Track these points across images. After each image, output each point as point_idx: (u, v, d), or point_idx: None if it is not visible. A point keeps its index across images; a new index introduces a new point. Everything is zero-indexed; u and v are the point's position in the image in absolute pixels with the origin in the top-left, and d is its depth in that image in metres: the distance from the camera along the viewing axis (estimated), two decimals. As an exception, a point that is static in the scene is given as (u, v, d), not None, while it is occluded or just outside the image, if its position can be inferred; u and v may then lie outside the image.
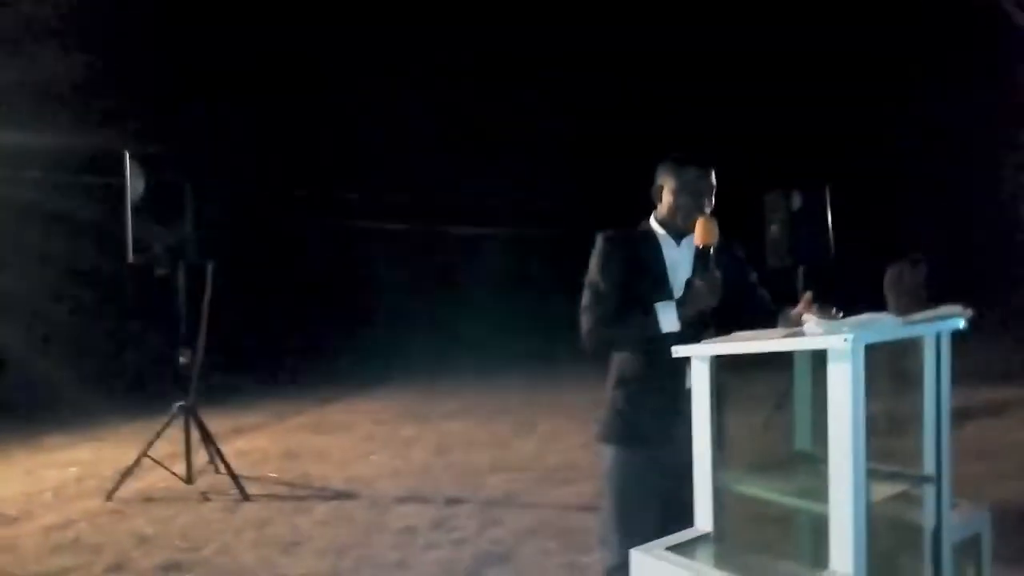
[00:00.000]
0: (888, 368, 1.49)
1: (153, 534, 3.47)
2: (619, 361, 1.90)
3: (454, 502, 3.85)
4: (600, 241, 1.88)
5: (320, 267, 10.48)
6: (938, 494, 1.46)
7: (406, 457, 4.95)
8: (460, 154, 11.23)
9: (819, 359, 1.28)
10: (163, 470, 4.08)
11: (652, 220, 1.93)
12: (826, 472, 1.25)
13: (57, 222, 7.90)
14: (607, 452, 1.89)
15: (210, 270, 4.12)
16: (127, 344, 8.16)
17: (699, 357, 1.49)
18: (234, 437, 5.55)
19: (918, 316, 1.44)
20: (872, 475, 1.28)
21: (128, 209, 3.91)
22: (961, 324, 1.46)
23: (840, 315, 1.52)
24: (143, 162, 3.94)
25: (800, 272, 4.74)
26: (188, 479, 4.08)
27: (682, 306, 1.75)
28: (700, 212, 1.82)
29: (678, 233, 1.88)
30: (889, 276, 5.23)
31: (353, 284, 10.52)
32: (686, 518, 1.51)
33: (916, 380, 1.48)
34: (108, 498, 3.97)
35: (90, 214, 7.35)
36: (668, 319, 1.74)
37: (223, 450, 4.21)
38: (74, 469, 4.76)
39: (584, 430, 4.41)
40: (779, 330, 1.59)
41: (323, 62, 10.48)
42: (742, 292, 1.92)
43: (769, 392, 3.68)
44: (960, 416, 4.11)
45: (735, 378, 1.54)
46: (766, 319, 1.80)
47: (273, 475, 4.52)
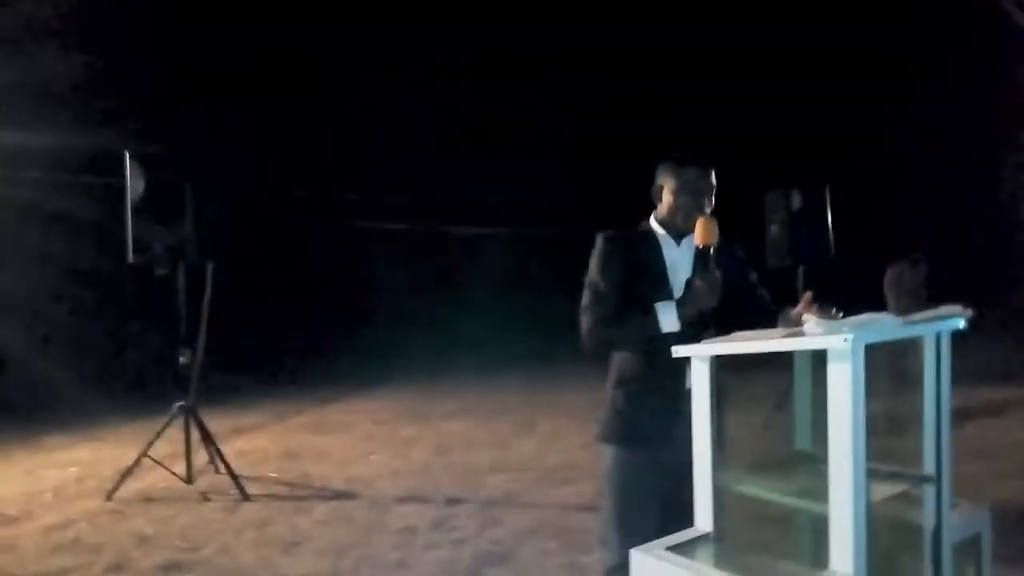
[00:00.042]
0: (888, 368, 1.49)
1: (153, 534, 3.47)
2: (619, 361, 1.90)
3: (454, 502, 3.85)
4: (600, 241, 1.88)
5: (320, 267, 10.48)
6: (938, 494, 1.46)
7: (406, 457, 4.95)
8: (460, 154, 11.23)
9: (819, 359, 1.28)
10: (163, 470, 4.08)
11: (652, 220, 1.93)
12: (826, 472, 1.25)
13: (57, 222, 7.90)
14: (607, 452, 1.89)
15: (210, 270, 4.12)
16: (127, 344, 8.17)
17: (699, 357, 1.48)
18: (234, 437, 5.55)
19: (918, 316, 1.44)
20: (872, 475, 1.28)
21: (128, 209, 3.91)
22: (961, 324, 1.46)
23: (840, 315, 1.53)
24: (143, 162, 3.94)
25: (800, 272, 4.74)
26: (188, 479, 4.08)
27: (682, 306, 1.75)
28: (700, 212, 1.82)
29: (678, 233, 1.88)
30: (889, 276, 5.23)
31: (353, 284, 10.52)
32: (686, 518, 1.51)
33: (916, 380, 1.48)
34: (108, 498, 3.98)
35: (90, 214, 7.35)
36: (668, 319, 1.74)
37: (223, 450, 4.22)
38: (74, 469, 4.76)
39: (584, 430, 4.41)
40: (779, 330, 1.59)
41: (323, 62, 10.47)
42: (742, 292, 1.92)
43: (769, 392, 3.68)
44: (960, 416, 4.12)
45: (735, 378, 1.54)
46: (766, 319, 1.80)
47: (273, 475, 4.53)
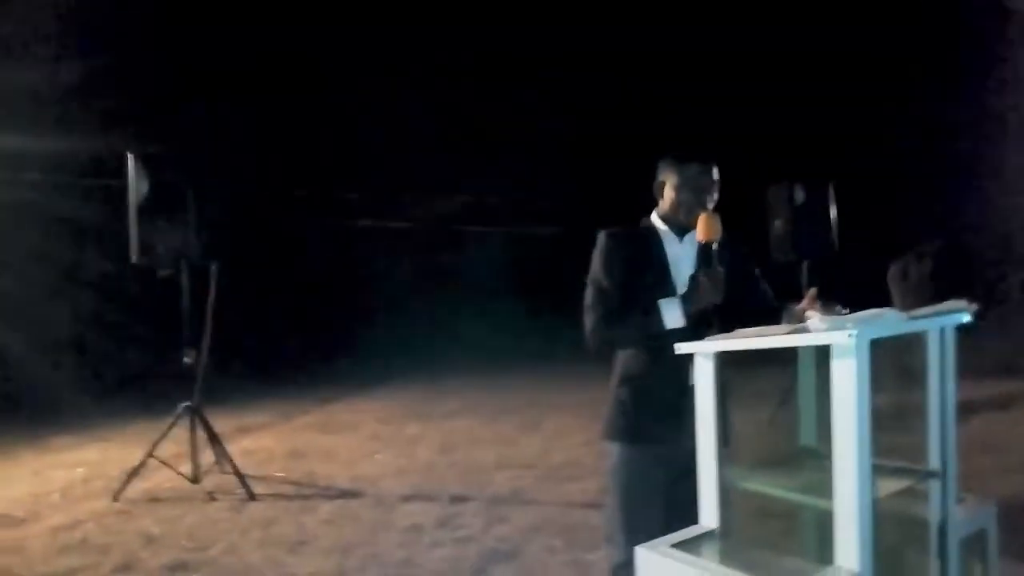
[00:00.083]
0: (893, 363, 1.50)
1: (160, 534, 3.48)
2: (623, 358, 1.90)
3: (459, 500, 3.86)
4: (602, 239, 1.88)
5: (320, 267, 10.49)
6: (944, 489, 1.46)
7: (411, 456, 4.96)
8: (460, 154, 11.22)
9: (823, 355, 1.28)
10: (169, 470, 4.09)
11: (654, 216, 1.93)
12: (831, 468, 1.25)
13: (58, 224, 7.92)
14: (612, 449, 1.89)
15: (214, 271, 4.14)
16: (132, 345, 8.19)
17: (703, 354, 1.49)
18: (240, 437, 5.57)
19: (922, 311, 1.44)
20: (877, 470, 1.28)
21: (131, 210, 3.92)
22: (966, 319, 1.46)
23: (845, 311, 1.53)
24: (146, 163, 3.95)
25: (804, 268, 4.73)
26: (194, 479, 4.10)
27: (686, 302, 1.75)
28: (702, 208, 1.82)
29: (680, 229, 1.88)
30: (893, 271, 5.22)
31: (353, 283, 10.52)
32: (691, 515, 1.52)
33: (921, 375, 1.48)
34: (115, 498, 3.99)
35: (92, 216, 7.37)
36: (672, 316, 1.74)
37: (229, 450, 4.23)
38: (81, 470, 4.78)
39: (589, 427, 4.42)
40: (783, 326, 1.59)
41: (323, 62, 10.47)
42: (745, 288, 1.92)
43: (773, 388, 3.68)
44: (966, 410, 4.11)
45: (739, 375, 1.54)
46: (769, 315, 1.80)
47: (279, 474, 4.54)
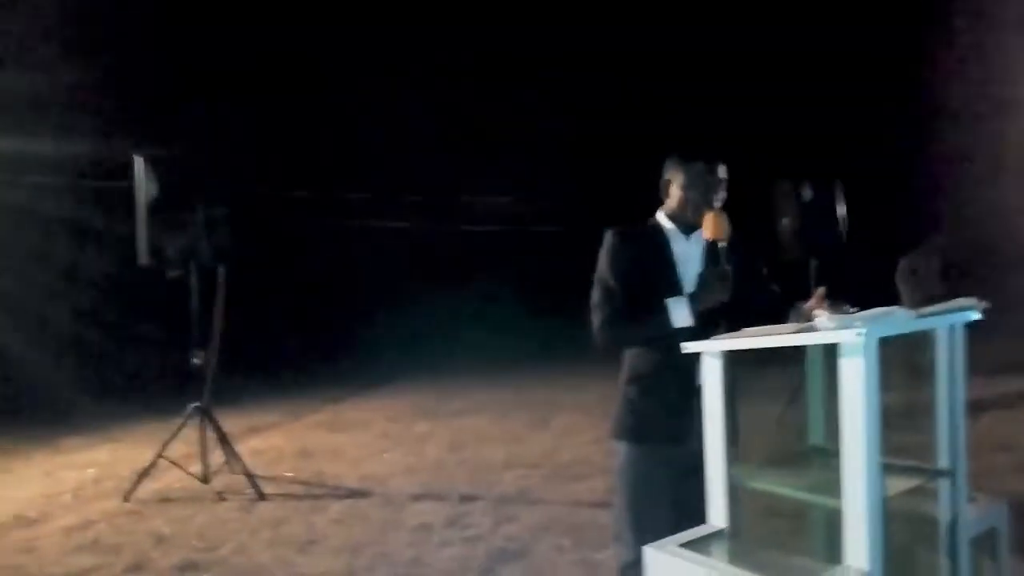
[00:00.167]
0: (902, 361, 1.49)
1: (171, 534, 3.51)
2: (631, 357, 1.89)
3: (468, 499, 3.87)
4: (609, 237, 1.88)
5: (320, 266, 10.50)
6: (954, 488, 1.46)
7: (420, 454, 4.97)
8: (460, 154, 11.22)
9: (832, 353, 1.28)
10: (179, 470, 4.12)
11: (660, 215, 1.93)
12: (840, 467, 1.25)
13: (66, 227, 7.98)
14: (620, 448, 1.89)
15: (222, 272, 4.15)
16: (141, 346, 8.23)
17: (711, 352, 1.49)
18: (249, 436, 5.59)
19: (931, 309, 1.44)
20: (887, 469, 1.28)
21: (139, 212, 3.94)
22: (975, 316, 1.46)
23: (854, 310, 1.52)
24: (154, 165, 3.97)
25: (812, 266, 4.71)
26: (204, 479, 4.11)
27: (694, 301, 1.75)
28: (709, 206, 1.82)
29: (687, 227, 1.87)
30: (902, 267, 5.19)
31: (354, 283, 10.54)
32: (699, 514, 1.52)
33: (930, 373, 1.48)
34: (126, 499, 4.02)
35: (99, 219, 7.41)
36: (680, 314, 1.74)
37: (238, 450, 4.25)
38: (92, 470, 4.80)
39: (598, 425, 4.42)
40: (791, 325, 1.59)
41: (323, 62, 10.47)
42: (752, 286, 1.91)
43: (782, 387, 3.67)
44: (976, 408, 4.08)
45: (747, 373, 1.54)
46: (776, 314, 1.80)
47: (288, 474, 4.56)
